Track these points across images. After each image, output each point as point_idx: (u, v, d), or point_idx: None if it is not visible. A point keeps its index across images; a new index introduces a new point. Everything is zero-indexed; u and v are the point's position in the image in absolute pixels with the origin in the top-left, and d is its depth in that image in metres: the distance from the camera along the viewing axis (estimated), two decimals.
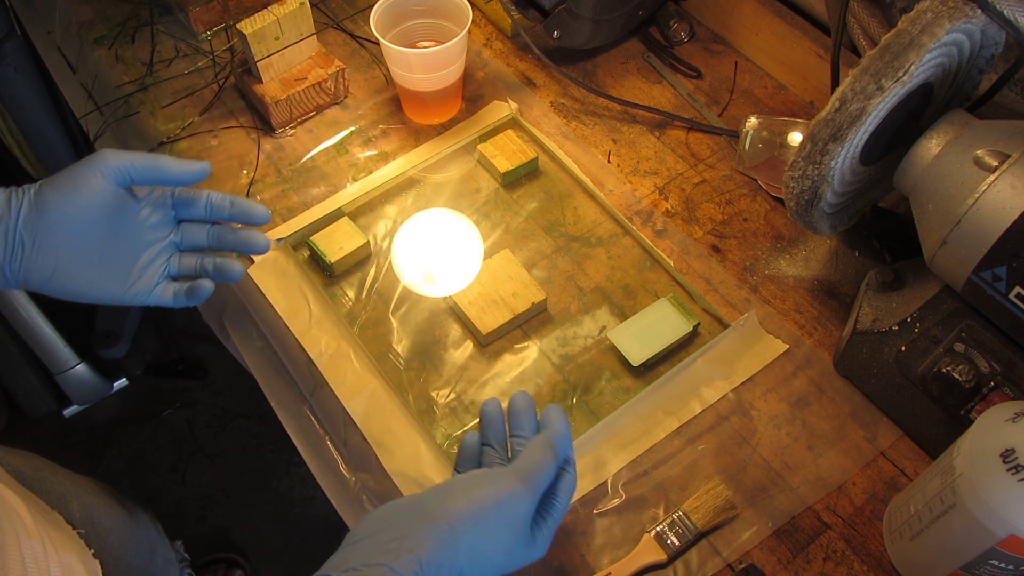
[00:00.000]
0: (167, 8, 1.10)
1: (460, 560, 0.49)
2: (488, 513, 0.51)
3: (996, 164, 0.66)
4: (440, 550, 0.48)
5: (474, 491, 0.52)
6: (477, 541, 0.50)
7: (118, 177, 0.62)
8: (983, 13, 0.67)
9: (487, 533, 0.51)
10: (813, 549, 0.72)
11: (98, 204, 0.62)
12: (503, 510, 0.52)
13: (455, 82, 0.96)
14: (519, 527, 0.52)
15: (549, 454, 0.56)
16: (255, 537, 1.59)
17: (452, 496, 0.52)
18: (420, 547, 0.48)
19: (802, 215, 0.76)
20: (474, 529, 0.50)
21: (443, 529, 0.49)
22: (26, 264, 0.62)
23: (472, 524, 0.50)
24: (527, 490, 0.53)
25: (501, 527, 0.51)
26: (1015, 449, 0.56)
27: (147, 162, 0.63)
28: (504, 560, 0.52)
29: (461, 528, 0.50)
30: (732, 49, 1.08)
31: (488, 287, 0.84)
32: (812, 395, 0.80)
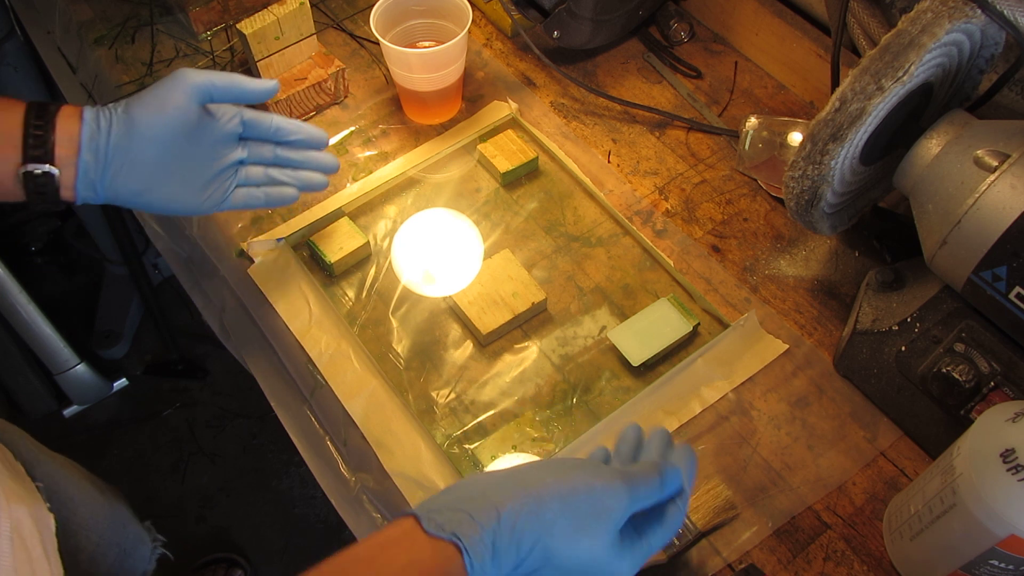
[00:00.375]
0: (167, 8, 1.10)
1: (541, 531, 0.49)
2: (578, 494, 0.50)
3: (996, 164, 0.66)
4: (522, 511, 0.48)
5: (570, 471, 0.51)
6: (562, 518, 0.49)
7: (199, 94, 0.66)
8: (983, 13, 0.67)
9: (574, 513, 0.50)
10: (813, 549, 0.72)
11: (182, 121, 0.65)
12: (595, 497, 0.51)
13: (455, 82, 0.96)
14: (609, 522, 0.51)
15: (656, 472, 0.54)
16: (255, 537, 1.59)
17: (547, 469, 0.52)
18: (502, 503, 0.48)
19: (802, 215, 0.76)
20: (561, 503, 0.49)
21: (530, 494, 0.49)
22: (116, 180, 0.65)
23: (560, 498, 0.49)
24: (625, 489, 0.52)
25: (590, 513, 0.50)
26: (1015, 449, 0.56)
27: (226, 80, 0.67)
28: (588, 553, 0.50)
29: (548, 498, 0.49)
30: (732, 49, 1.08)
31: (488, 287, 0.84)
32: (812, 395, 0.80)
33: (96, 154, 0.64)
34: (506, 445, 0.77)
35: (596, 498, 0.51)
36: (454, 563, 0.46)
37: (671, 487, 0.55)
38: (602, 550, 0.50)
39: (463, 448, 0.77)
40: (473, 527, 0.47)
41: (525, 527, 0.48)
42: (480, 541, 0.47)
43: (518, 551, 0.48)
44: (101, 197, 0.66)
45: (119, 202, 0.67)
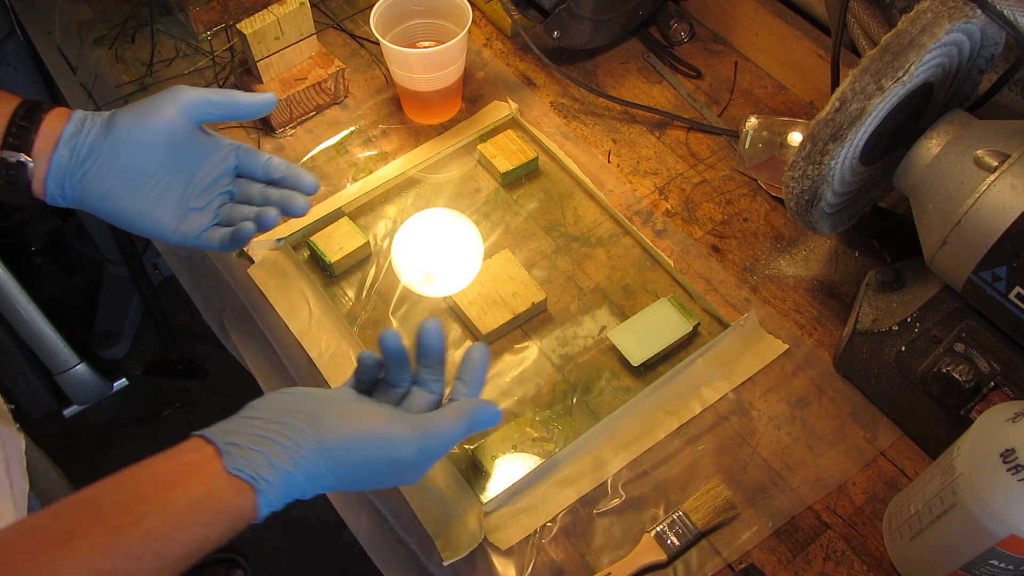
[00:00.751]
0: (167, 8, 1.10)
1: (330, 479, 0.53)
2: (370, 452, 0.54)
3: (996, 164, 0.66)
4: (316, 465, 0.52)
5: (368, 428, 0.54)
6: (350, 470, 0.53)
7: (191, 109, 0.65)
8: (983, 13, 0.67)
9: (363, 466, 0.54)
10: (813, 549, 0.72)
11: (165, 132, 0.64)
12: (387, 453, 0.54)
13: (455, 82, 0.96)
14: (395, 467, 0.55)
15: (463, 426, 0.58)
16: (255, 537, 1.58)
17: (347, 421, 0.54)
18: (301, 451, 0.51)
19: (802, 215, 0.76)
20: (351, 461, 0.53)
21: (326, 453, 0.52)
22: (86, 180, 0.64)
23: (352, 457, 0.53)
24: (418, 447, 0.55)
25: (380, 463, 0.54)
26: (1015, 449, 0.56)
27: (221, 96, 0.66)
28: (368, 484, 0.55)
29: (342, 457, 0.53)
30: (732, 49, 1.08)
31: (488, 287, 0.84)
32: (812, 395, 0.80)
33: (72, 151, 0.63)
34: (506, 445, 0.77)
35: (388, 454, 0.54)
36: (248, 499, 0.49)
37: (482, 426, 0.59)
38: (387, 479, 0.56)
39: (463, 448, 0.77)
40: (270, 471, 0.50)
41: (317, 476, 0.52)
42: (275, 484, 0.50)
43: (304, 491, 0.52)
44: (68, 198, 0.65)
45: (85, 206, 0.65)
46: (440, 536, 0.72)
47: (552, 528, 0.73)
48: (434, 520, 0.73)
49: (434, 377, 0.62)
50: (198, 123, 0.66)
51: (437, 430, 0.57)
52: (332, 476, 0.53)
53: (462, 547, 0.71)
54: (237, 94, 0.67)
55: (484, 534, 0.71)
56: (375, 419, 0.55)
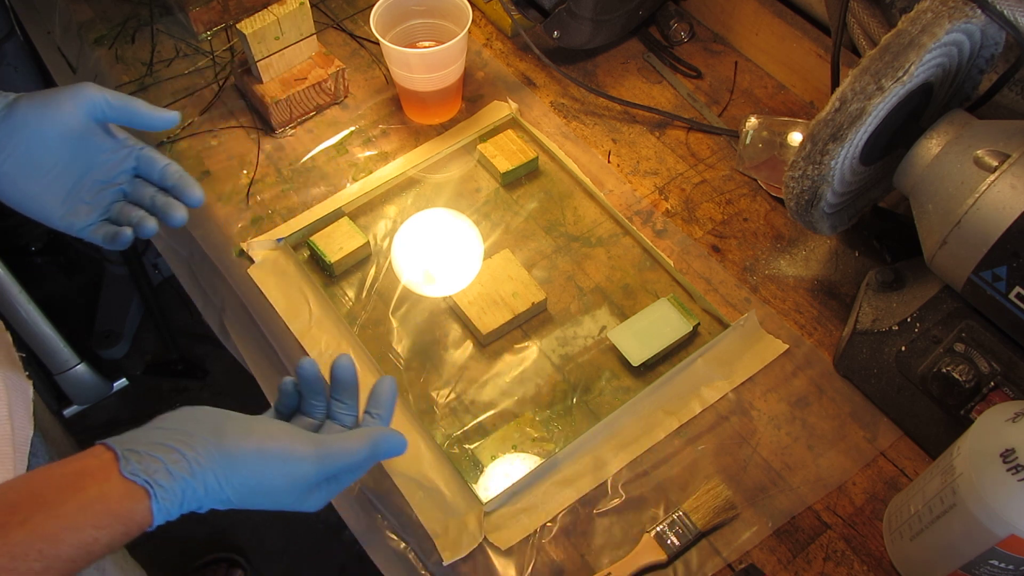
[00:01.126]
0: (167, 8, 1.10)
1: (228, 491, 0.53)
2: (270, 464, 0.54)
3: (996, 164, 0.66)
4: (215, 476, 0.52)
5: (268, 442, 0.55)
6: (250, 482, 0.54)
7: (91, 108, 0.65)
8: (983, 13, 0.67)
9: (262, 480, 0.54)
10: (813, 549, 0.72)
11: (61, 126, 0.65)
12: (287, 468, 0.55)
13: (455, 82, 0.96)
14: (294, 488, 0.55)
15: (365, 451, 0.58)
16: (255, 537, 1.58)
17: (250, 434, 0.55)
18: (198, 460, 0.52)
19: (802, 215, 0.76)
20: (251, 472, 0.53)
21: (226, 459, 0.53)
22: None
23: (252, 467, 0.53)
24: (318, 467, 0.56)
25: (279, 479, 0.54)
26: (1015, 449, 0.56)
27: (120, 100, 0.66)
28: (269, 503, 0.55)
29: (241, 467, 0.53)
30: (732, 49, 1.08)
31: (488, 287, 0.84)
32: (812, 395, 0.80)
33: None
34: (506, 445, 0.77)
35: (288, 470, 0.55)
36: (142, 504, 0.49)
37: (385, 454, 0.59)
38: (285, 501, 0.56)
39: (463, 448, 0.77)
40: (167, 477, 0.50)
41: (214, 487, 0.52)
42: (171, 489, 0.50)
43: (202, 501, 0.52)
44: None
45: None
46: (440, 536, 0.72)
47: (552, 528, 0.73)
48: (434, 520, 0.73)
49: (346, 411, 0.63)
50: (99, 121, 0.66)
51: (338, 451, 0.57)
52: (231, 488, 0.53)
53: (462, 547, 0.71)
54: (139, 103, 0.67)
55: (484, 534, 0.72)
56: (278, 433, 0.56)
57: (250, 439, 0.54)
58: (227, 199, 0.93)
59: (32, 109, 0.64)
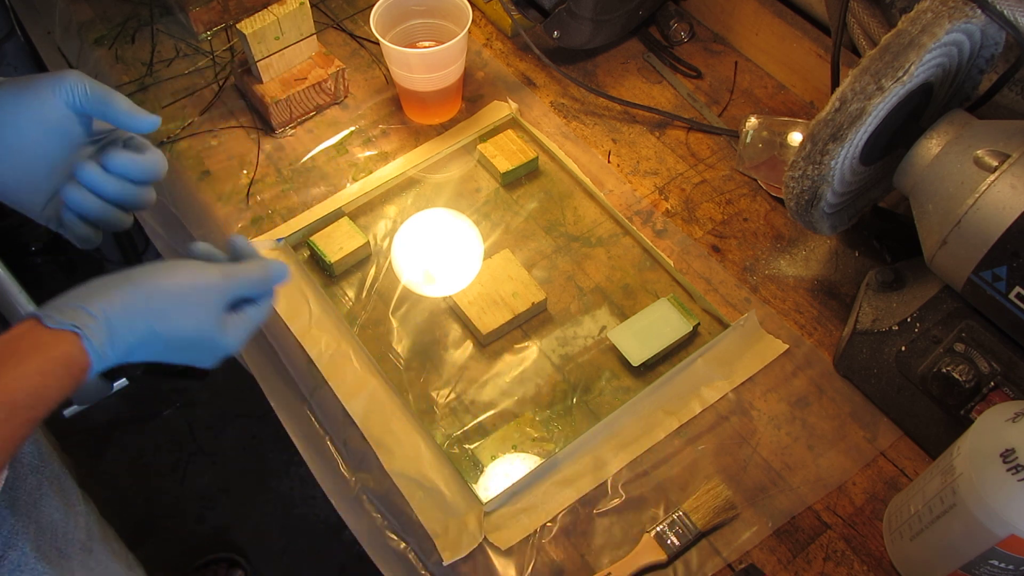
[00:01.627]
0: (167, 8, 1.10)
1: (151, 318, 0.56)
2: (183, 289, 0.58)
3: (996, 164, 0.66)
4: (133, 305, 0.56)
5: (178, 270, 0.59)
6: (168, 308, 0.57)
7: (67, 94, 0.64)
8: (983, 13, 0.67)
9: (177, 302, 0.58)
10: (813, 549, 0.72)
11: (36, 109, 0.64)
12: (198, 290, 0.59)
13: (455, 82, 0.96)
14: (209, 308, 0.59)
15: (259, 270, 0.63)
16: (255, 537, 1.58)
17: (155, 270, 0.58)
18: (115, 296, 0.55)
19: (802, 215, 0.76)
20: (168, 298, 0.57)
21: (140, 291, 0.57)
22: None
23: (167, 294, 0.58)
24: (224, 281, 0.60)
25: (192, 303, 0.59)
26: (1015, 449, 0.56)
27: (100, 92, 0.65)
28: (193, 334, 0.59)
29: (157, 295, 0.57)
30: (732, 49, 1.08)
31: (488, 287, 0.84)
32: (812, 395, 0.80)
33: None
34: (506, 445, 0.77)
35: (198, 288, 0.59)
36: (75, 346, 0.53)
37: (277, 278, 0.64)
38: (205, 325, 0.59)
39: (463, 448, 0.77)
40: (89, 317, 0.54)
41: (136, 314, 0.56)
42: (97, 327, 0.54)
43: (131, 332, 0.56)
44: None
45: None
46: (440, 536, 0.72)
47: (552, 528, 0.73)
48: (434, 520, 0.73)
49: None
50: (77, 112, 0.65)
51: (239, 270, 0.62)
52: (152, 316, 0.56)
53: (462, 547, 0.71)
54: (119, 99, 0.65)
55: (484, 534, 0.72)
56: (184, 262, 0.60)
57: (157, 268, 0.58)
58: (227, 199, 0.93)
59: (10, 93, 0.63)
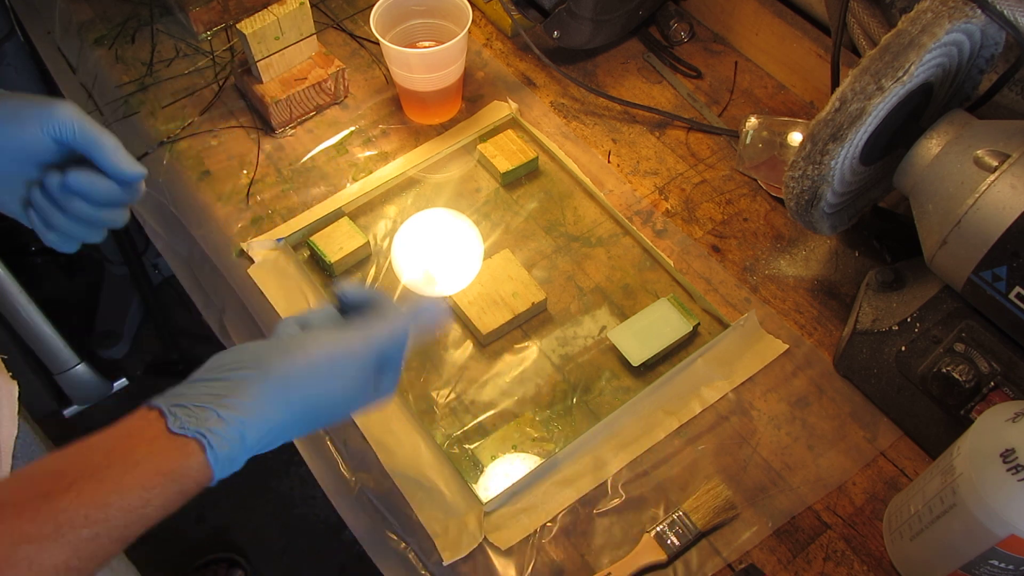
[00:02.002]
0: (167, 8, 1.10)
1: (290, 410, 0.51)
2: (320, 367, 0.53)
3: (996, 164, 0.66)
4: (269, 401, 0.50)
5: (310, 346, 0.53)
6: (309, 392, 0.52)
7: (56, 132, 0.61)
8: (983, 13, 0.67)
9: (319, 385, 0.53)
10: (813, 549, 0.72)
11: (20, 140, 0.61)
12: (338, 365, 0.54)
13: (455, 82, 0.96)
14: (356, 377, 0.54)
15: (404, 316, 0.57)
16: (255, 537, 1.58)
17: (291, 345, 0.53)
18: (250, 396, 0.50)
19: (802, 215, 0.76)
20: (306, 382, 0.52)
21: (276, 382, 0.51)
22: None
23: (304, 377, 0.52)
24: (367, 348, 0.55)
25: (337, 379, 0.53)
26: (1015, 449, 0.56)
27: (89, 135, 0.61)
28: (342, 404, 0.55)
29: (294, 381, 0.51)
30: (732, 49, 1.08)
31: (488, 287, 0.84)
32: (812, 395, 0.80)
33: None
34: (506, 445, 0.77)
35: (339, 365, 0.54)
36: (195, 459, 0.47)
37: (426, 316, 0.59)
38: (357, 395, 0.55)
39: (463, 448, 0.77)
40: (219, 423, 0.48)
41: (273, 411, 0.51)
42: (226, 437, 0.48)
43: (267, 433, 0.50)
44: None
45: None
46: (440, 536, 0.72)
47: (552, 528, 0.73)
48: (434, 520, 0.73)
49: None
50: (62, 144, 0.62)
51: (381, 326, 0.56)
52: (295, 408, 0.51)
53: (462, 547, 0.71)
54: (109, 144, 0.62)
55: (484, 534, 0.72)
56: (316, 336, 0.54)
57: (293, 349, 0.52)
58: (227, 199, 0.93)
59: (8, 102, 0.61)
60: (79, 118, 0.62)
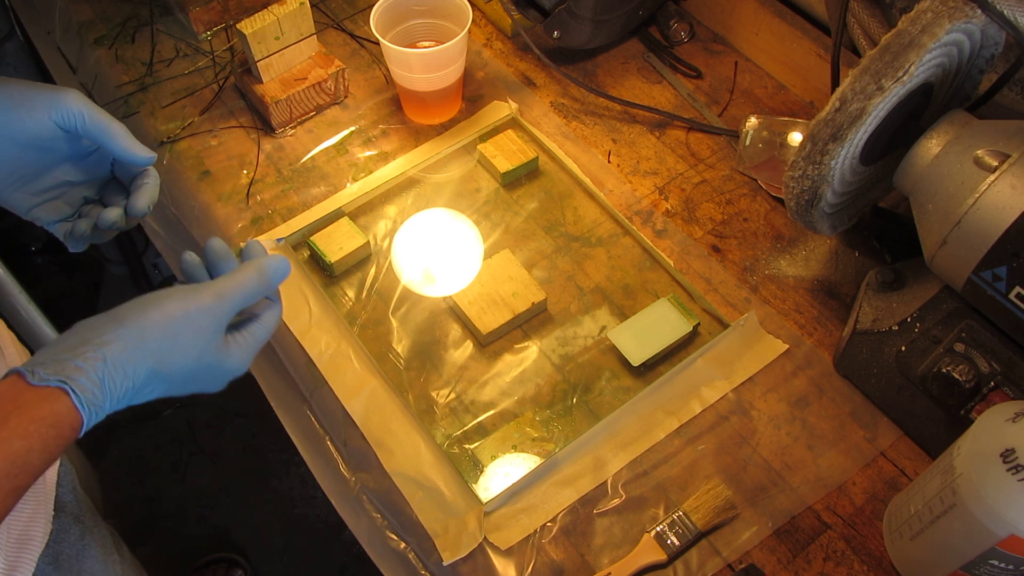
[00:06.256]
0: (167, 8, 1.10)
1: (148, 359, 0.53)
2: (175, 320, 0.54)
3: (996, 164, 0.66)
4: (125, 348, 0.52)
5: (165, 301, 0.55)
6: (164, 344, 0.54)
7: (63, 119, 0.62)
8: (983, 13, 0.67)
9: (173, 337, 0.54)
10: (813, 549, 0.72)
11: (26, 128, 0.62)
12: (191, 318, 0.55)
13: (455, 82, 0.96)
14: (207, 336, 0.56)
15: (254, 275, 0.58)
16: (255, 537, 1.59)
17: (143, 306, 0.55)
18: (105, 345, 0.51)
19: (802, 215, 0.76)
20: (161, 333, 0.53)
21: (131, 331, 0.53)
22: None
23: (159, 329, 0.53)
24: (218, 302, 0.56)
25: (188, 334, 0.55)
26: (1015, 449, 0.56)
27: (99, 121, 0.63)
28: (195, 364, 0.55)
29: (149, 332, 0.53)
30: (732, 49, 1.08)
31: (488, 287, 0.84)
32: (812, 395, 0.80)
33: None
34: (506, 445, 0.77)
35: (192, 318, 0.55)
36: (62, 403, 0.49)
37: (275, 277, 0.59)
38: (207, 356, 0.56)
39: (463, 448, 0.77)
40: (77, 369, 0.50)
41: (131, 361, 0.52)
42: (87, 379, 0.50)
43: (127, 377, 0.52)
44: None
45: None
46: (440, 536, 0.72)
47: (552, 528, 0.73)
48: (434, 520, 0.73)
49: None
50: (69, 132, 0.63)
51: (231, 283, 0.57)
52: (147, 355, 0.52)
53: (462, 547, 0.71)
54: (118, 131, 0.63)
55: (484, 534, 0.72)
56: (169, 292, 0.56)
57: (147, 304, 0.54)
58: (227, 199, 0.93)
59: (2, 104, 0.62)
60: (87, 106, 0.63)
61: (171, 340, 0.54)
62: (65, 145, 0.64)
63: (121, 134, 0.64)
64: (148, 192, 0.66)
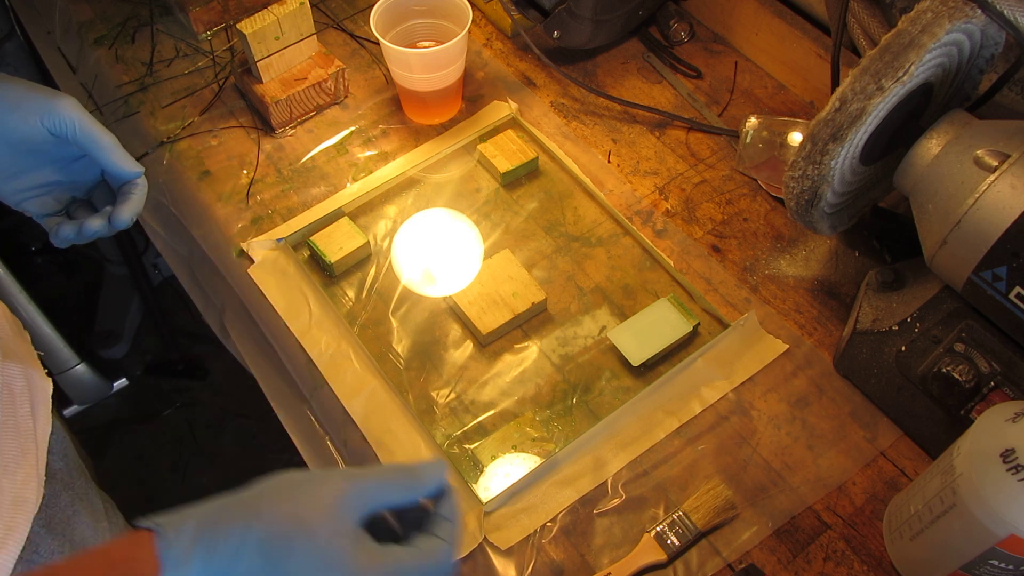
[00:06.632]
0: (167, 8, 1.10)
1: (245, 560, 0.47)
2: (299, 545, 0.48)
3: (996, 164, 0.66)
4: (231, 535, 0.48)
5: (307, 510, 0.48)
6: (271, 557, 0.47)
7: (55, 126, 0.62)
8: (983, 13, 0.67)
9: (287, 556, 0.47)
10: (813, 549, 0.72)
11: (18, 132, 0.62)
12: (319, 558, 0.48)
13: (455, 82, 0.96)
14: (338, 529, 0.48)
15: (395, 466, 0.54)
16: None
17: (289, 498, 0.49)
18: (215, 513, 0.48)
19: (802, 215, 0.76)
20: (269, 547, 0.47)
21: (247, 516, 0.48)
22: None
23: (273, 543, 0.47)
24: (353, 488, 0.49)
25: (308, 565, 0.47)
26: (1015, 449, 0.56)
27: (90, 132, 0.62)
28: None
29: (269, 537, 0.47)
30: (732, 49, 1.08)
31: (488, 287, 0.84)
32: (812, 395, 0.80)
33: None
34: (506, 445, 0.77)
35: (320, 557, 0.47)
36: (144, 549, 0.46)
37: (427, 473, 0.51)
38: None
39: (463, 448, 0.77)
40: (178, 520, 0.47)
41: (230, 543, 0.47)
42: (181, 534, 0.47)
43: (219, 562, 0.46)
44: None
45: None
46: None
47: (552, 528, 0.73)
48: None
49: None
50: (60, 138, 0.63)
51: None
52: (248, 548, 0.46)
53: (462, 547, 0.71)
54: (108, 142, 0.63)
55: (484, 534, 0.72)
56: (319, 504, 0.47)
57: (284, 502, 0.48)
58: (227, 199, 0.93)
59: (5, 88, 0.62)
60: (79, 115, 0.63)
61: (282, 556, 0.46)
62: (55, 149, 0.65)
63: (110, 146, 0.64)
64: (133, 204, 0.66)
